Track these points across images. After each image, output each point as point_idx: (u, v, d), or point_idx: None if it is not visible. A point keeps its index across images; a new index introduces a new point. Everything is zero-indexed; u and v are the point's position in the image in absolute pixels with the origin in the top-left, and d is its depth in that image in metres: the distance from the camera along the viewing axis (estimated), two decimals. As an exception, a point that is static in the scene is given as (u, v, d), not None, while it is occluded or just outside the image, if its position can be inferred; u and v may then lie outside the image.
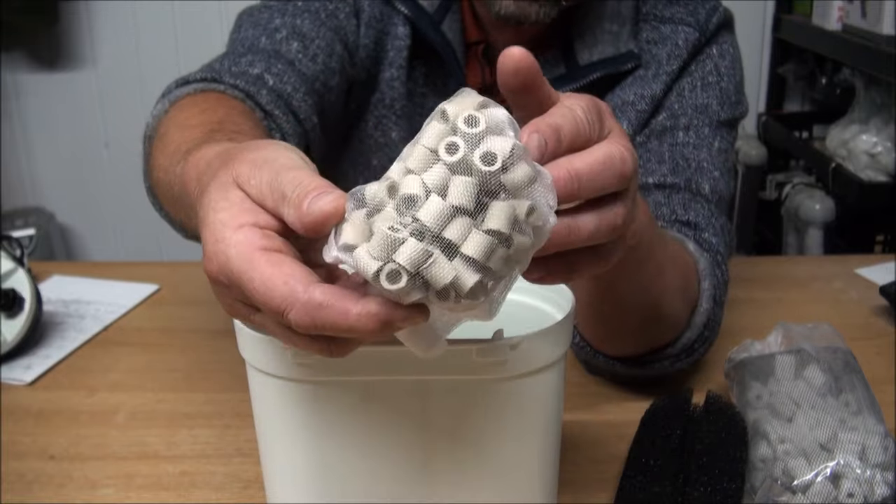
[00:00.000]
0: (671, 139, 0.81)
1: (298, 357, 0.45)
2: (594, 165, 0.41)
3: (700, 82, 0.82)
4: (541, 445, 0.50)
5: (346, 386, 0.46)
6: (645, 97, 0.81)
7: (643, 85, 0.82)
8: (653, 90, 0.81)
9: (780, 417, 0.59)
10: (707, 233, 0.75)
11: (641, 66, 0.82)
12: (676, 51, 0.82)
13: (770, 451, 0.57)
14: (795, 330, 0.66)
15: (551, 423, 0.50)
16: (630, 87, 0.82)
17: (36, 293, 0.82)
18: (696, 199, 0.77)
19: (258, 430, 0.51)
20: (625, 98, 0.82)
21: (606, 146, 0.42)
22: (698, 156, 0.80)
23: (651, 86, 0.81)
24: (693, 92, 0.82)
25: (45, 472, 0.65)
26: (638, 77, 0.82)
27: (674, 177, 0.78)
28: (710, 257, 0.73)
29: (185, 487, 0.63)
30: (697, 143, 0.80)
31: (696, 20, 0.82)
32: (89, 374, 0.79)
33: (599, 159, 0.42)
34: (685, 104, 0.82)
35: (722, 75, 0.83)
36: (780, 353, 0.64)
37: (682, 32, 0.82)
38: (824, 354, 0.63)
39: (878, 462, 0.54)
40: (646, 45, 0.83)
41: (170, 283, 0.99)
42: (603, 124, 0.44)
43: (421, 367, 0.45)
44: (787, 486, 0.54)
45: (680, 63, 0.82)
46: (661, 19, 0.83)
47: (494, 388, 0.47)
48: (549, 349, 0.47)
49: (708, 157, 0.80)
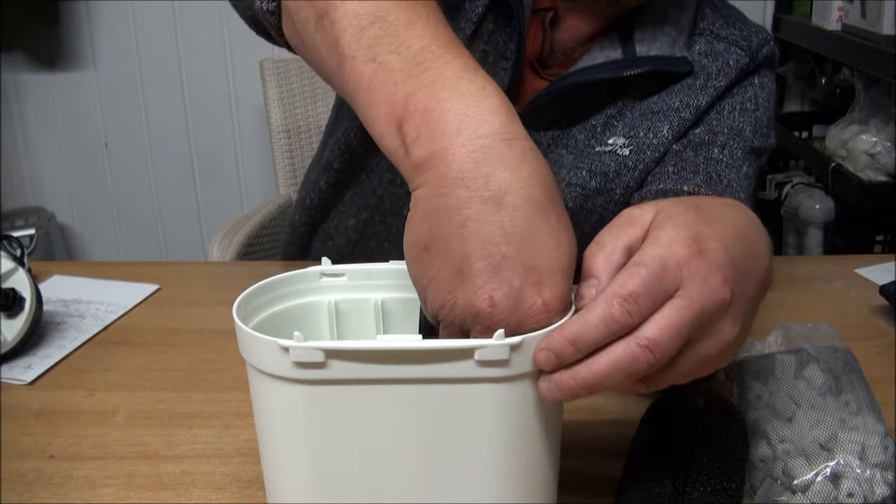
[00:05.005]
0: (706, 153, 0.83)
1: (299, 358, 0.45)
2: (600, 374, 0.44)
3: (739, 107, 0.85)
4: (542, 446, 0.50)
5: (348, 387, 0.46)
6: (690, 106, 0.83)
7: (690, 94, 0.83)
8: (698, 101, 0.83)
9: (780, 417, 0.59)
10: None
11: (691, 76, 0.84)
12: (726, 69, 0.84)
13: (770, 450, 0.57)
14: (795, 330, 0.66)
15: (552, 423, 0.50)
16: (677, 94, 0.84)
17: (36, 293, 0.82)
18: None
19: (259, 432, 0.51)
20: (670, 104, 0.84)
21: (623, 347, 0.43)
22: (728, 175, 0.82)
23: (698, 97, 0.83)
24: (731, 114, 0.85)
25: (45, 472, 0.65)
26: (686, 86, 0.84)
27: (707, 189, 0.81)
28: None
29: (185, 487, 0.63)
30: (730, 163, 0.83)
31: (748, 45, 0.85)
32: (89, 374, 0.79)
33: (607, 367, 0.43)
34: (723, 124, 0.84)
35: (759, 105, 0.86)
36: (781, 352, 0.64)
37: (735, 54, 0.84)
38: (824, 354, 0.63)
39: (877, 462, 0.54)
40: (698, 57, 0.85)
41: (170, 283, 0.99)
42: (665, 290, 0.44)
43: (423, 369, 0.45)
44: (787, 486, 0.54)
45: (727, 81, 0.84)
46: (717, 37, 0.85)
47: (496, 389, 0.47)
48: None
49: (737, 179, 0.83)
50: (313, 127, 1.63)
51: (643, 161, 0.84)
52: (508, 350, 0.45)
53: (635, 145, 0.84)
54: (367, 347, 0.45)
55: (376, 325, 0.58)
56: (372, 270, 0.57)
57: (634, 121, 0.84)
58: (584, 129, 0.85)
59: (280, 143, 1.59)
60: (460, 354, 0.45)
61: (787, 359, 0.63)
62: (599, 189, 0.85)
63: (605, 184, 0.85)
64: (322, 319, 0.58)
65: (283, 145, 1.59)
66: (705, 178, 0.81)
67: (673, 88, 0.84)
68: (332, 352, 0.45)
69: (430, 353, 0.45)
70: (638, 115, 0.84)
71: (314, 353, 0.45)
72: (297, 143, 1.61)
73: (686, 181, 0.81)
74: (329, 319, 0.58)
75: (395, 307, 0.58)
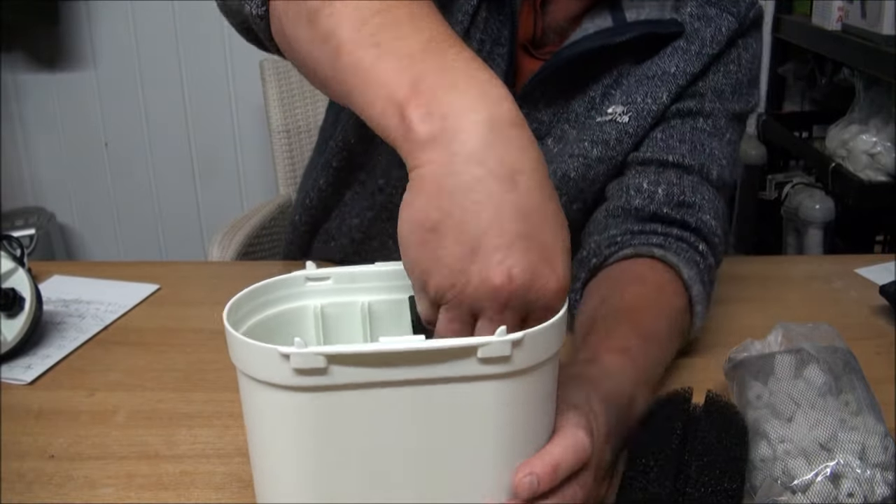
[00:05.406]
0: (692, 122, 0.85)
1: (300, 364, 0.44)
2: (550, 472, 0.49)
3: (723, 68, 0.86)
4: (542, 440, 0.50)
5: (349, 392, 0.46)
6: (687, 73, 0.85)
7: (687, 60, 0.85)
8: (694, 68, 0.85)
9: (779, 417, 0.59)
10: (708, 215, 0.81)
11: (683, 38, 0.85)
12: (719, 36, 0.85)
13: (770, 450, 0.57)
14: (795, 330, 0.66)
15: (551, 418, 0.51)
16: (671, 57, 0.85)
17: (36, 293, 0.82)
18: (703, 184, 0.83)
19: (253, 441, 0.50)
20: (665, 69, 0.85)
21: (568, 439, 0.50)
22: (711, 143, 0.85)
23: (693, 63, 0.85)
24: (715, 75, 0.86)
25: (45, 472, 0.65)
26: (679, 49, 0.85)
27: (690, 158, 0.84)
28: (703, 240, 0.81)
29: (185, 487, 0.63)
30: (713, 131, 0.85)
31: (738, 11, 0.86)
32: (89, 374, 0.79)
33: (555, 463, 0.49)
34: (706, 85, 0.86)
35: (741, 67, 0.87)
36: (780, 352, 0.64)
37: (726, 20, 0.85)
38: (824, 354, 0.63)
39: (878, 462, 0.54)
40: (689, 20, 0.85)
41: (170, 283, 0.99)
42: None
43: (424, 370, 0.45)
44: (787, 486, 0.54)
45: (718, 49, 0.85)
46: (708, 1, 0.86)
47: (498, 385, 0.46)
48: (548, 344, 0.48)
49: (719, 147, 0.85)
50: (313, 127, 1.63)
51: (643, 127, 0.85)
52: (510, 346, 0.45)
53: (634, 112, 0.85)
54: (370, 350, 0.44)
55: (363, 328, 0.58)
56: (357, 273, 0.57)
57: (631, 87, 0.85)
58: (584, 102, 0.86)
59: (280, 143, 1.59)
60: (463, 353, 0.45)
61: (786, 359, 0.63)
62: (601, 157, 0.86)
63: (607, 152, 0.86)
64: (308, 324, 0.57)
65: (283, 145, 1.59)
66: (690, 147, 0.84)
67: (665, 51, 0.85)
68: (334, 357, 0.44)
69: (433, 353, 0.45)
70: (634, 81, 0.85)
71: (316, 358, 0.44)
72: (297, 143, 1.61)
73: (671, 150, 0.84)
74: (315, 324, 0.57)
75: (382, 309, 0.57)
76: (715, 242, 0.81)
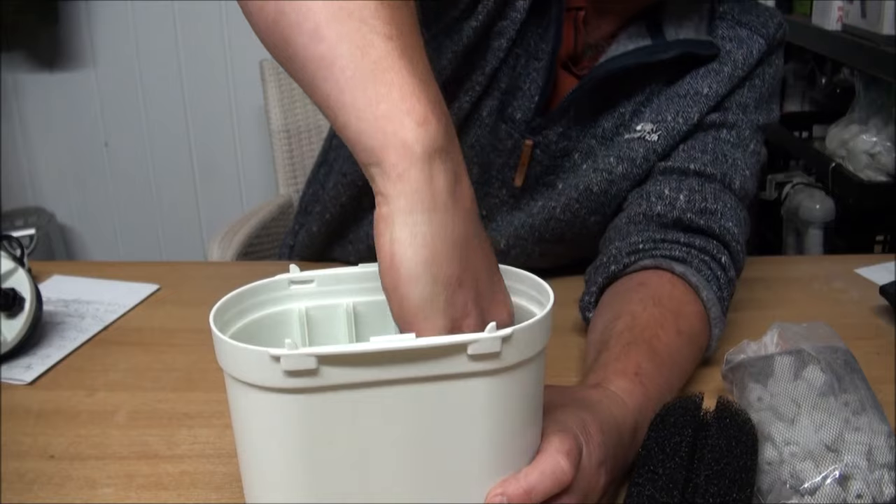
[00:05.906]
0: (715, 133, 0.86)
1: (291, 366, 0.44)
2: None
3: (748, 83, 0.87)
4: (532, 433, 0.51)
5: (340, 393, 0.45)
6: (719, 95, 0.85)
7: (718, 81, 0.85)
8: (724, 89, 0.85)
9: (782, 419, 0.59)
10: (730, 222, 0.82)
11: (717, 62, 0.85)
12: (750, 59, 0.86)
13: (776, 453, 0.56)
14: (792, 330, 0.66)
15: (539, 417, 0.51)
16: (703, 78, 0.85)
17: (36, 293, 0.82)
18: (726, 192, 0.83)
19: (242, 444, 0.50)
20: (698, 88, 0.85)
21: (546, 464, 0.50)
22: (734, 154, 0.85)
23: (724, 85, 0.85)
24: (741, 91, 0.87)
25: (45, 472, 0.65)
26: (712, 70, 0.85)
27: (713, 168, 0.84)
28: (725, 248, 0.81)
29: (185, 487, 0.63)
30: (736, 142, 0.86)
31: (767, 33, 0.87)
32: (89, 374, 0.79)
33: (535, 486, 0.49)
34: (732, 100, 0.87)
35: (765, 82, 0.88)
36: (779, 353, 0.64)
37: (757, 43, 0.86)
38: (824, 354, 0.63)
39: (885, 462, 0.54)
40: (721, 42, 0.86)
41: (170, 283, 0.99)
42: None
43: (415, 368, 0.45)
44: (795, 489, 0.54)
45: (748, 71, 0.86)
46: (738, 22, 0.87)
47: (489, 382, 0.47)
48: (536, 341, 0.48)
49: (742, 157, 0.86)
50: (313, 127, 1.63)
51: (671, 146, 0.86)
52: (500, 342, 0.45)
53: (664, 130, 0.85)
54: (362, 350, 0.44)
55: (348, 330, 0.58)
56: (341, 275, 0.57)
57: (661, 105, 0.85)
58: (612, 118, 0.86)
59: (280, 144, 1.59)
60: (454, 350, 0.45)
61: (785, 359, 0.63)
62: (626, 174, 0.86)
63: (633, 169, 0.86)
64: (293, 327, 0.57)
65: (283, 146, 1.59)
66: (712, 157, 0.84)
67: (698, 72, 0.85)
68: (325, 357, 0.44)
69: (424, 351, 0.45)
70: (665, 99, 0.85)
71: (307, 360, 0.44)
72: (297, 144, 1.61)
73: (693, 160, 0.84)
74: (300, 327, 0.57)
75: (366, 310, 0.57)
76: (737, 251, 0.81)
